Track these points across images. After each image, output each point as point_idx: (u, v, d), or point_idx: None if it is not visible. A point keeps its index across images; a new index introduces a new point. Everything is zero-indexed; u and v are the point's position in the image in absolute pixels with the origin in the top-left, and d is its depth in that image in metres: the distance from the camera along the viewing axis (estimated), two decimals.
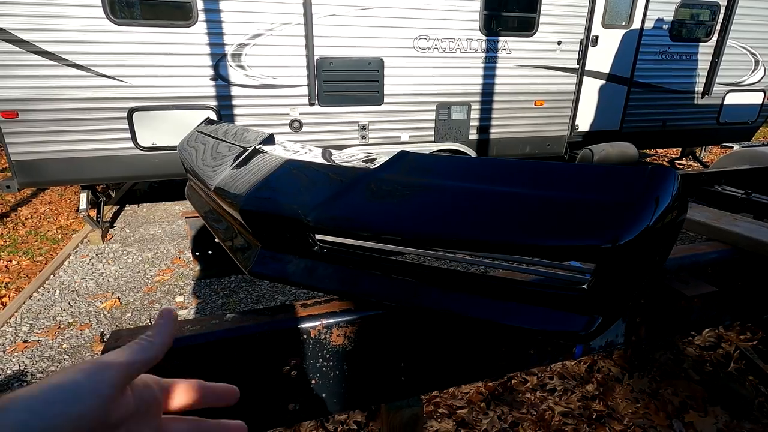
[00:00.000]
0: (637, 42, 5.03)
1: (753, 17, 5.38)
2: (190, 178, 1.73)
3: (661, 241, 0.76)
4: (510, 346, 1.09)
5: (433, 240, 0.78)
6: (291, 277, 1.04)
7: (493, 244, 0.73)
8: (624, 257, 0.71)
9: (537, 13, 4.47)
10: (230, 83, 3.81)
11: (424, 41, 4.20)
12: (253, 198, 1.04)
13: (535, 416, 2.01)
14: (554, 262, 0.85)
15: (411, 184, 0.88)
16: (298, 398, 0.95)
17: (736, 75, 5.67)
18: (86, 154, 3.62)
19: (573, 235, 0.70)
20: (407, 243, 0.86)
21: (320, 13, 3.81)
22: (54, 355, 2.61)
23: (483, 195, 0.78)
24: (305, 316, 0.92)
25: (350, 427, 1.95)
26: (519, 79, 4.69)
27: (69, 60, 3.38)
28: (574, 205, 0.73)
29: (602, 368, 2.30)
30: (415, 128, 4.48)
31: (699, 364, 2.29)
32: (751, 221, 1.40)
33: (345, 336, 0.94)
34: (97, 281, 3.50)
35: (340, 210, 0.91)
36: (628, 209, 0.70)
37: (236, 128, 1.59)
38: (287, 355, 0.91)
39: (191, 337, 0.83)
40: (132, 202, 5.44)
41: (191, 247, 1.73)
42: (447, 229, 0.76)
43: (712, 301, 1.30)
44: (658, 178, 0.73)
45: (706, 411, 1.99)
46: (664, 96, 5.41)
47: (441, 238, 0.77)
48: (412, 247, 0.89)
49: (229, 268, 1.75)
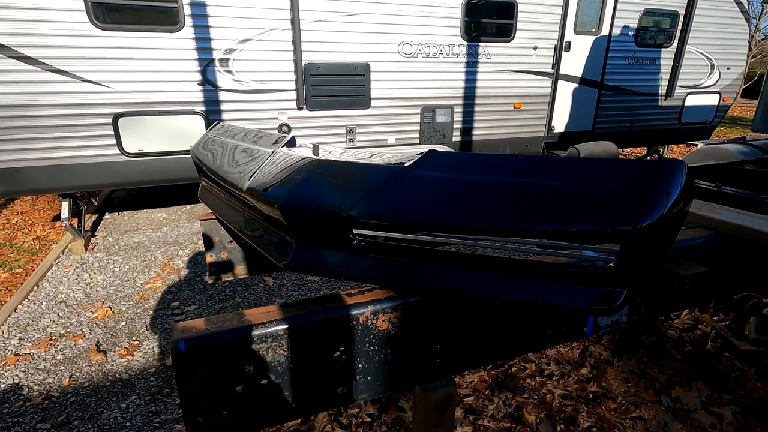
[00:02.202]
0: (606, 47, 5.33)
1: (708, 24, 5.80)
2: (204, 180, 1.76)
3: (673, 224, 0.88)
4: (531, 327, 1.19)
5: (482, 230, 0.87)
6: (331, 270, 1.11)
7: (535, 231, 0.83)
8: (644, 238, 0.81)
9: (514, 19, 4.68)
10: (218, 88, 3.80)
11: (409, 46, 4.32)
12: (294, 196, 1.10)
13: (537, 399, 2.13)
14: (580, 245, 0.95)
15: (452, 179, 0.97)
16: (345, 382, 1.02)
17: (694, 78, 6.08)
18: (70, 162, 3.53)
19: (603, 221, 0.81)
20: (452, 233, 0.94)
21: (308, 18, 3.86)
22: (49, 367, 2.54)
23: (524, 188, 0.88)
24: (354, 303, 0.99)
25: (363, 420, 2.02)
26: (498, 83, 4.88)
27: (51, 65, 3.30)
28: (602, 195, 0.83)
29: (594, 353, 2.46)
30: (401, 131, 4.59)
31: (680, 344, 2.48)
32: (730, 209, 1.56)
33: (389, 321, 1.01)
34: (85, 291, 3.41)
35: (384, 204, 0.99)
36: (648, 197, 0.81)
37: (253, 131, 1.64)
38: (337, 341, 0.98)
39: (237, 330, 0.88)
40: (111, 210, 5.30)
41: (206, 249, 1.76)
42: (495, 221, 0.86)
43: (701, 281, 1.45)
44: (670, 170, 0.85)
45: (690, 386, 2.17)
46: (631, 98, 5.74)
47: (489, 228, 0.86)
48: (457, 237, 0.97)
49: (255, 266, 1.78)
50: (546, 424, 1.99)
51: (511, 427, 1.97)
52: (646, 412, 2.05)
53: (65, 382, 2.42)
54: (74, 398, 2.31)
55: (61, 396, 2.33)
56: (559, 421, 2.02)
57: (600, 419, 2.02)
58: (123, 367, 2.55)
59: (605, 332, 1.43)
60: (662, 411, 2.05)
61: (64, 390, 2.37)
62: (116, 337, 2.83)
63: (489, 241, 0.99)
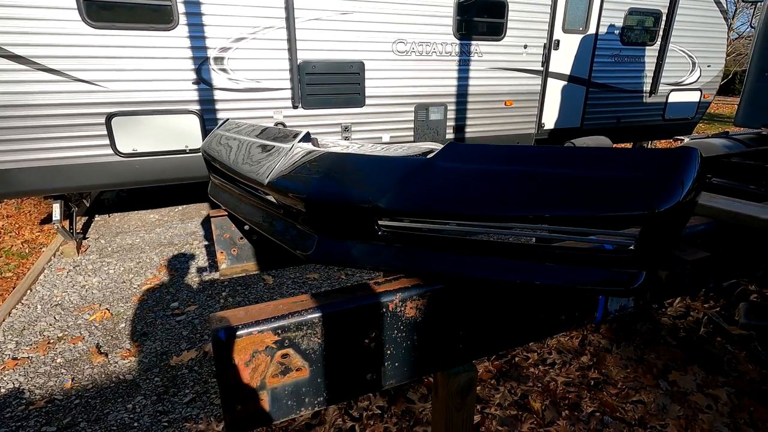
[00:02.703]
0: (593, 45, 5.45)
1: (689, 24, 5.98)
2: (215, 177, 1.77)
3: (687, 209, 0.93)
4: (546, 312, 1.24)
5: (507, 218, 0.91)
6: (356, 260, 1.14)
7: (563, 218, 0.87)
8: (662, 223, 0.86)
9: (505, 18, 4.75)
10: (213, 87, 3.78)
11: (402, 45, 4.36)
12: (319, 189, 1.13)
13: (541, 387, 2.19)
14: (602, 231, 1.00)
15: (476, 169, 1.00)
16: (375, 368, 1.05)
17: (677, 75, 6.26)
18: (63, 162, 3.47)
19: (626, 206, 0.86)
20: (476, 221, 0.98)
21: (302, 17, 3.87)
22: (50, 371, 2.50)
23: (547, 177, 0.92)
24: (384, 291, 1.02)
25: (374, 413, 2.05)
26: (490, 81, 4.95)
27: (42, 64, 3.24)
28: (624, 182, 0.88)
29: (593, 341, 2.53)
30: (396, 129, 4.62)
31: (674, 331, 2.57)
32: (727, 198, 1.63)
33: (416, 308, 1.05)
34: (81, 294, 3.36)
35: (410, 195, 1.02)
36: (667, 184, 0.85)
37: (263, 127, 1.65)
38: (369, 328, 1.01)
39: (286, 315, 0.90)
40: (101, 212, 5.21)
41: (216, 245, 1.76)
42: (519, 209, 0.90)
43: (701, 266, 1.52)
44: (686, 158, 0.89)
45: (686, 370, 2.26)
46: (617, 95, 5.88)
47: (514, 216, 0.90)
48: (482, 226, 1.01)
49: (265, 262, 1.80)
50: (551, 410, 2.05)
51: (519, 414, 2.03)
52: (645, 395, 2.13)
53: (67, 385, 2.39)
54: (78, 400, 2.29)
55: (65, 398, 2.30)
56: (564, 407, 2.08)
57: (602, 404, 2.09)
58: (126, 368, 2.53)
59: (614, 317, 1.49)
60: (661, 394, 2.13)
61: (67, 392, 2.34)
62: (117, 339, 2.80)
63: (515, 229, 1.03)
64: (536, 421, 1.99)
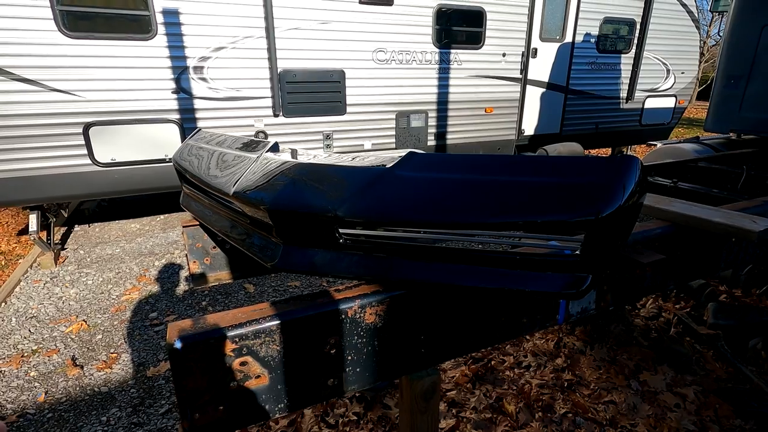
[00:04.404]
0: (570, 54, 5.58)
1: (663, 32, 6.17)
2: (186, 187, 1.78)
3: (630, 214, 0.98)
4: (507, 316, 1.27)
5: (459, 225, 0.94)
6: (319, 268, 1.16)
7: (508, 224, 0.91)
8: (605, 227, 0.90)
9: (483, 27, 4.85)
10: (193, 96, 3.78)
11: (383, 53, 4.42)
12: (281, 198, 1.15)
13: (516, 390, 2.23)
14: (549, 236, 1.04)
15: (431, 178, 1.04)
16: (336, 374, 1.07)
17: (652, 82, 6.44)
18: (39, 173, 3.43)
19: (569, 212, 0.89)
20: (431, 228, 1.01)
21: (282, 26, 3.90)
22: (23, 384, 2.46)
23: (496, 185, 0.95)
24: (342, 298, 1.04)
25: (350, 419, 2.06)
26: (470, 88, 5.04)
27: (17, 74, 3.21)
28: (568, 189, 0.92)
29: (567, 343, 2.58)
30: (377, 136, 4.67)
31: (646, 331, 2.63)
32: (684, 202, 1.70)
33: (376, 314, 1.07)
34: (57, 305, 3.31)
35: (369, 203, 1.05)
36: (608, 190, 0.90)
37: (233, 137, 1.67)
38: (328, 335, 1.03)
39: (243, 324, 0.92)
40: (81, 222, 5.14)
41: (189, 255, 1.77)
42: (470, 216, 0.93)
43: (660, 268, 1.57)
44: (626, 165, 0.94)
45: (656, 370, 2.32)
46: (595, 101, 6.02)
47: (465, 222, 0.94)
48: (436, 232, 1.04)
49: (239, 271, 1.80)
50: (525, 412, 2.08)
51: (493, 417, 2.05)
52: (616, 396, 2.17)
53: (41, 399, 2.35)
54: (51, 414, 2.25)
55: (37, 413, 2.26)
56: (537, 408, 2.11)
57: (575, 405, 2.13)
58: (102, 380, 2.50)
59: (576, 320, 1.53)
60: (631, 394, 2.18)
61: (40, 406, 2.30)
62: (93, 351, 2.77)
63: (466, 235, 1.07)
64: (510, 424, 2.02)
